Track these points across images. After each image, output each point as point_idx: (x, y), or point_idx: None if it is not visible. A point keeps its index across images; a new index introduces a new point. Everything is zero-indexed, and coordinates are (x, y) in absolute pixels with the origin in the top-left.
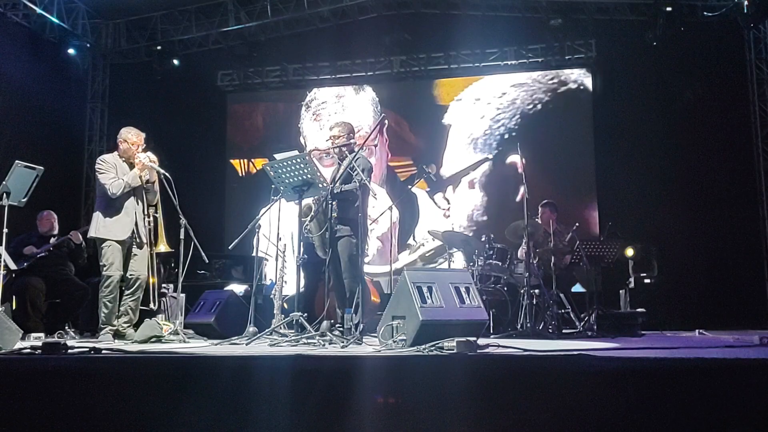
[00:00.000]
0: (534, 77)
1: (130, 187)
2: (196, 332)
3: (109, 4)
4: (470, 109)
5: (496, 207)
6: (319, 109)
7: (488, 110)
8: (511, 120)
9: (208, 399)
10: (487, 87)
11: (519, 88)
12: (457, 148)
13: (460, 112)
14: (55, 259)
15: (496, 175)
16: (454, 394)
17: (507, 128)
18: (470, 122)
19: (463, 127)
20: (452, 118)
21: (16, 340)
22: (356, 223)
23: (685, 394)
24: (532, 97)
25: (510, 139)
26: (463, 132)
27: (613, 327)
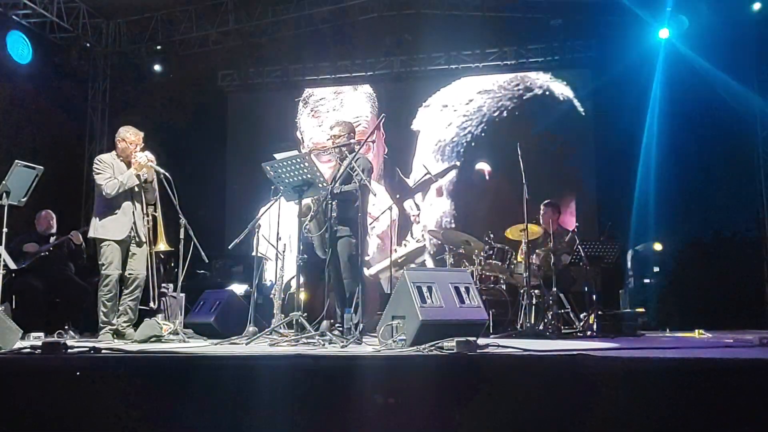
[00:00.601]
0: (500, 83)
1: (125, 186)
2: (195, 332)
3: (110, 3)
4: (438, 115)
5: (463, 215)
6: (317, 106)
7: (455, 117)
8: (478, 127)
9: (207, 399)
10: (454, 93)
11: (486, 94)
12: (425, 154)
13: (428, 118)
14: (56, 259)
15: (464, 183)
16: (454, 394)
17: (473, 135)
18: (438, 128)
19: (431, 133)
20: (420, 124)
21: (16, 339)
22: (356, 223)
23: (685, 395)
24: (499, 104)
25: (477, 146)
26: (431, 138)
27: (613, 327)
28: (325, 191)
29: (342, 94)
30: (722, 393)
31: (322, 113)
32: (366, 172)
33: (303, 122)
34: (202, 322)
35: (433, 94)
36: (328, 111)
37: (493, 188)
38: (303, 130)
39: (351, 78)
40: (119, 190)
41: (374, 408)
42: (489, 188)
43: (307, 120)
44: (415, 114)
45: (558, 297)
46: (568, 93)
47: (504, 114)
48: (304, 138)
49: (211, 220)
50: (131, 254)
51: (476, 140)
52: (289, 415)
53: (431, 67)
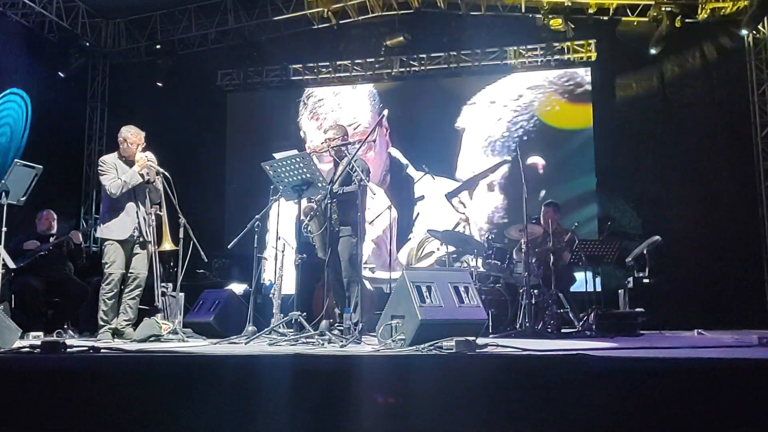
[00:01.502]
0: (550, 78)
1: (129, 186)
2: (195, 331)
3: (109, 3)
4: (485, 112)
5: (515, 209)
6: (315, 107)
7: (505, 113)
8: (529, 122)
9: (207, 398)
10: (503, 89)
11: (536, 89)
12: (472, 151)
13: (473, 115)
14: (55, 259)
15: (516, 177)
16: (453, 394)
17: (525, 130)
18: (486, 125)
19: (478, 130)
20: (466, 122)
21: (16, 338)
22: (356, 223)
23: (684, 394)
24: (549, 99)
25: (527, 140)
26: (478, 135)
27: (612, 327)
28: (325, 191)
29: (339, 95)
30: (722, 393)
31: (320, 114)
32: (364, 173)
33: (304, 123)
34: (202, 322)
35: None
36: (326, 112)
37: (546, 182)
38: (305, 131)
39: (351, 77)
40: (123, 189)
41: (373, 408)
42: (542, 182)
43: (308, 122)
44: (459, 112)
45: (557, 296)
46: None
47: (556, 108)
48: (306, 139)
49: (211, 220)
50: (134, 254)
51: (528, 135)
52: (288, 415)
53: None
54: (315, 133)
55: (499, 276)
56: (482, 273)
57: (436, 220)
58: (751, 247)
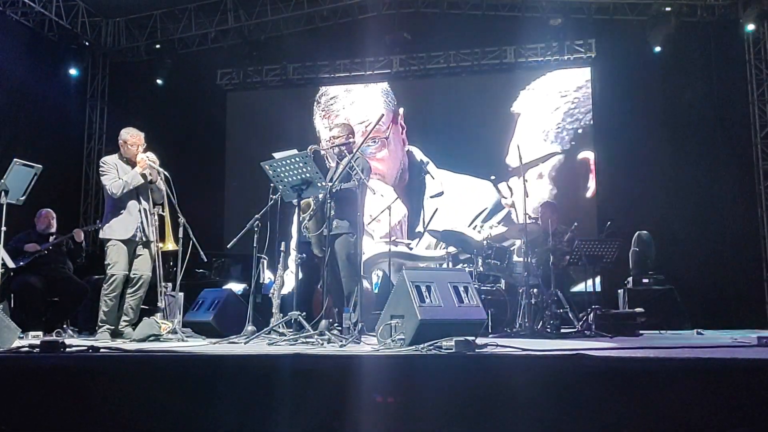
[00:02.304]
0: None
1: (130, 186)
2: (194, 331)
3: (109, 2)
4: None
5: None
6: (328, 105)
7: (562, 103)
8: (585, 115)
9: (206, 398)
10: (563, 79)
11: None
12: (525, 137)
13: (530, 101)
14: (54, 258)
15: (567, 170)
16: (453, 394)
17: (582, 123)
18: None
19: (533, 116)
20: (521, 107)
21: (15, 338)
22: (354, 222)
23: (684, 395)
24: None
25: (583, 133)
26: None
27: (612, 327)
28: (324, 190)
29: (352, 93)
30: (721, 393)
31: (333, 112)
32: (365, 172)
33: (318, 123)
34: (201, 321)
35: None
36: (338, 110)
37: (596, 178)
38: (318, 130)
39: (350, 77)
40: (124, 189)
41: (373, 407)
42: (592, 178)
43: (320, 121)
44: (516, 96)
45: (557, 296)
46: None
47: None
48: (320, 138)
49: (210, 219)
50: (137, 255)
51: (583, 128)
52: (287, 414)
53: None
54: (326, 131)
55: (499, 276)
56: (482, 273)
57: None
58: (750, 248)
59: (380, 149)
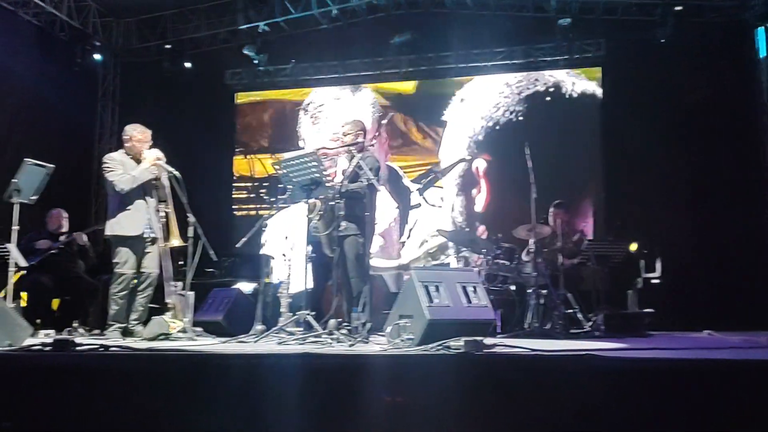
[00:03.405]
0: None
1: (138, 181)
2: (204, 330)
3: (120, 2)
4: (463, 108)
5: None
6: (316, 112)
7: (481, 110)
8: (504, 118)
9: (215, 396)
10: (472, 88)
11: (510, 88)
12: (450, 146)
13: (455, 111)
14: (66, 257)
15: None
16: (461, 394)
17: (501, 127)
18: (464, 121)
19: (457, 126)
20: (448, 116)
21: (27, 336)
22: (363, 222)
23: (693, 395)
24: (514, 101)
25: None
26: (456, 131)
27: (621, 327)
28: (333, 190)
29: (340, 100)
30: (731, 394)
31: (321, 119)
32: (374, 171)
33: (304, 130)
34: (211, 321)
35: (458, 90)
36: (327, 117)
37: (490, 184)
38: (305, 138)
39: (359, 77)
40: (133, 185)
41: (381, 407)
42: (485, 184)
43: (309, 128)
44: (446, 106)
45: (566, 297)
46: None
47: (519, 110)
48: (306, 146)
49: (220, 219)
50: (146, 253)
51: (486, 135)
52: (296, 413)
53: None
54: (315, 137)
55: (508, 276)
56: (490, 273)
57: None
58: (760, 248)
59: None
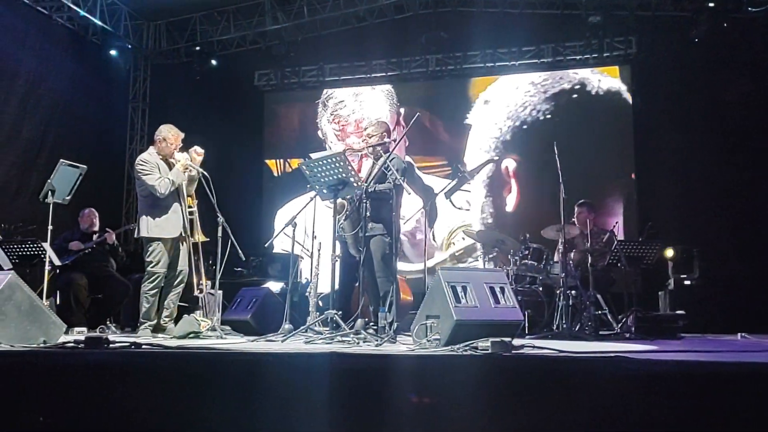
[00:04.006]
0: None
1: (176, 185)
2: (233, 329)
3: (150, 5)
4: (489, 109)
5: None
6: (336, 109)
7: (507, 110)
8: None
9: (244, 394)
10: (498, 89)
11: (536, 87)
12: (476, 147)
13: (481, 111)
14: (98, 256)
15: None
16: (489, 395)
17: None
18: (489, 122)
19: (483, 126)
20: (474, 118)
21: (60, 334)
22: (390, 223)
23: (727, 400)
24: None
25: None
26: (482, 132)
27: (652, 329)
28: (360, 190)
29: (361, 95)
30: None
31: (342, 117)
32: (400, 172)
33: (324, 126)
34: (240, 319)
35: (481, 91)
36: (348, 114)
37: (519, 184)
38: (325, 132)
39: (387, 77)
40: (171, 188)
41: (408, 407)
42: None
43: (328, 125)
44: (470, 108)
45: (595, 298)
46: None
47: (548, 109)
48: (327, 141)
49: (249, 219)
50: (178, 251)
51: (513, 135)
52: (323, 412)
53: (467, 65)
54: (335, 135)
55: (536, 276)
56: (519, 273)
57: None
58: None
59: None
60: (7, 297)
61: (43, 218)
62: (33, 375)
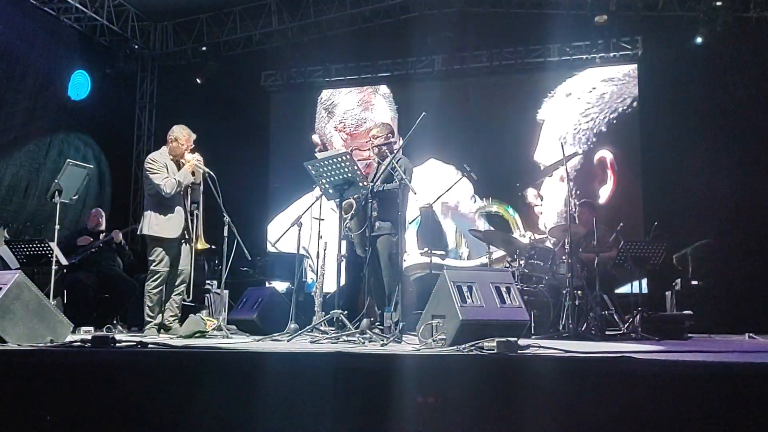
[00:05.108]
0: (625, 71)
1: (183, 185)
2: (238, 328)
3: (157, 6)
4: (563, 104)
5: None
6: (344, 119)
7: (578, 105)
8: (601, 114)
9: (250, 393)
10: (578, 82)
11: (609, 83)
12: (549, 142)
13: (552, 107)
14: (105, 255)
15: (585, 171)
16: (494, 395)
17: (597, 123)
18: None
19: (554, 122)
20: (545, 114)
21: (67, 333)
22: (396, 222)
23: (733, 401)
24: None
25: (599, 134)
26: (552, 127)
27: (659, 329)
28: (366, 190)
29: (368, 103)
30: None
31: (348, 126)
32: (407, 172)
33: (321, 125)
34: (245, 319)
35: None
36: (352, 119)
37: (614, 177)
38: (324, 133)
39: (392, 77)
40: (177, 189)
41: (413, 407)
42: (610, 177)
43: (335, 134)
44: (541, 104)
45: (601, 298)
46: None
47: (628, 102)
48: (327, 141)
49: (254, 219)
50: (180, 252)
51: (599, 128)
52: (327, 412)
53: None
54: (334, 134)
55: (542, 277)
56: (525, 273)
57: None
58: None
59: None
60: (15, 296)
61: (50, 218)
62: (40, 374)
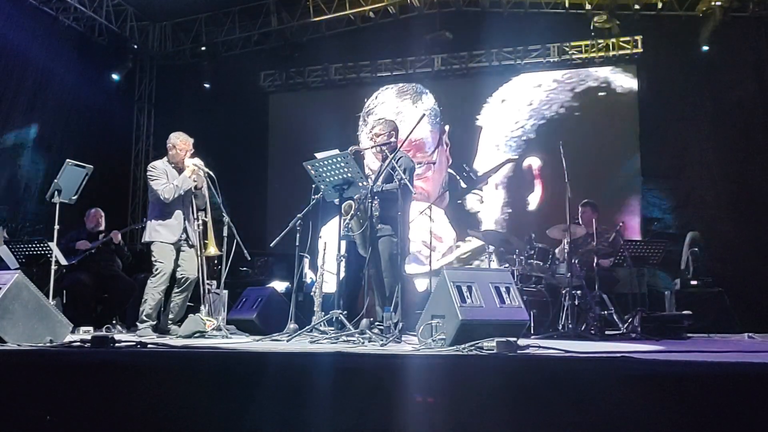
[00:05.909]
0: (556, 77)
1: (181, 191)
2: (238, 328)
3: (156, 6)
4: (499, 110)
5: (516, 209)
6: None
7: (518, 112)
8: (528, 121)
9: (249, 394)
10: (512, 88)
11: (546, 88)
12: (486, 149)
13: (490, 113)
14: (104, 255)
15: (516, 177)
16: (494, 395)
17: (533, 128)
18: (499, 123)
19: (493, 128)
20: (483, 120)
21: (67, 333)
22: (397, 222)
23: (733, 401)
24: (552, 99)
25: (535, 139)
26: (492, 133)
27: (658, 329)
28: (366, 190)
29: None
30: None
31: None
32: (407, 172)
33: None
34: (245, 319)
35: (494, 91)
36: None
37: (542, 184)
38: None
39: (392, 77)
40: (176, 194)
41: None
42: (537, 184)
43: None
44: (480, 110)
45: (601, 298)
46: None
47: (559, 108)
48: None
49: (253, 218)
50: (182, 255)
51: (528, 135)
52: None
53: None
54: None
55: (541, 276)
56: (524, 273)
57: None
58: None
59: (426, 171)
60: (14, 296)
61: (49, 218)
62: (39, 374)
